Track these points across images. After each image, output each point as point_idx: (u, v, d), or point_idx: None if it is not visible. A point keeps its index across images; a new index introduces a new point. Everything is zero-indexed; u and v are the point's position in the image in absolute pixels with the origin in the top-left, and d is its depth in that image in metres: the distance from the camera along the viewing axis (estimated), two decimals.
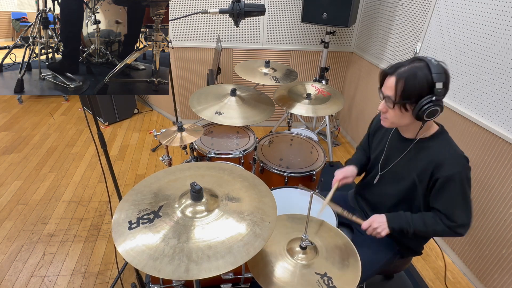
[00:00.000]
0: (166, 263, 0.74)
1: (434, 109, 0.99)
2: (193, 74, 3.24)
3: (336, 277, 0.94)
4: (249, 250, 0.78)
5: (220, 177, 1.05)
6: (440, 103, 0.99)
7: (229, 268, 0.74)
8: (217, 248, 0.78)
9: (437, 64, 0.99)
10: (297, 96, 1.91)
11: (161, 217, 0.86)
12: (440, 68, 0.98)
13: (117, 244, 0.78)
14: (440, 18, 1.96)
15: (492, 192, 1.71)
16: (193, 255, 0.76)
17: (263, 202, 0.94)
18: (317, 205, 1.48)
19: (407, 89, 1.01)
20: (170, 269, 0.73)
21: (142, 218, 0.85)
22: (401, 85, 1.02)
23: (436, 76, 0.97)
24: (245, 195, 0.96)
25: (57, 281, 1.78)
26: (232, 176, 1.06)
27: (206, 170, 1.09)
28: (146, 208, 0.89)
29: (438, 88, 0.97)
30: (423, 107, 1.00)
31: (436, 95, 0.98)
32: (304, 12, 2.51)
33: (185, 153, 2.06)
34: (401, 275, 1.88)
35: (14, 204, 2.31)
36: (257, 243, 0.80)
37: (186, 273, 0.72)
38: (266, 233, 0.83)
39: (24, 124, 3.41)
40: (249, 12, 1.34)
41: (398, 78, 1.03)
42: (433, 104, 0.99)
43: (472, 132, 1.79)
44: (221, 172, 1.08)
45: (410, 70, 1.01)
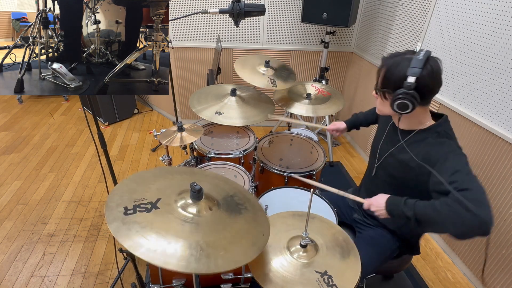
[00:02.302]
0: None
1: (402, 102, 0.99)
2: (193, 74, 3.24)
3: (336, 275, 0.94)
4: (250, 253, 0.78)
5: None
6: (410, 98, 0.98)
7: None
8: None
9: (421, 59, 0.96)
10: (297, 96, 1.92)
11: (159, 209, 0.86)
12: (420, 63, 0.96)
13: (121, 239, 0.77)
14: (440, 18, 1.96)
15: (492, 192, 1.71)
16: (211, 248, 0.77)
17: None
18: (317, 204, 1.48)
19: (386, 77, 1.04)
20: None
21: (139, 207, 0.85)
22: (383, 72, 1.05)
23: (410, 70, 0.97)
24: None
25: (57, 281, 1.78)
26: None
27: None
28: (143, 197, 0.88)
29: (408, 81, 0.97)
30: (394, 98, 1.01)
31: (404, 88, 0.98)
32: (304, 12, 2.51)
33: (185, 153, 2.06)
34: (401, 275, 1.88)
35: (14, 204, 2.31)
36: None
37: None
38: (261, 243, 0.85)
39: (24, 124, 3.41)
40: (249, 12, 1.34)
41: (382, 65, 1.06)
42: (403, 97, 0.98)
43: (472, 132, 1.79)
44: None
45: (395, 61, 1.02)
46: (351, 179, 2.76)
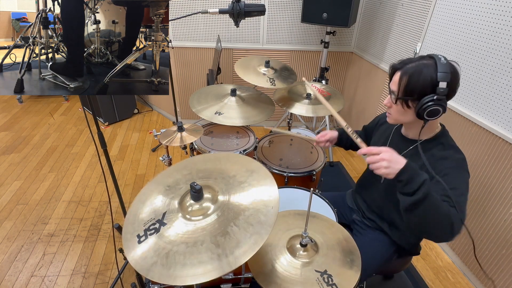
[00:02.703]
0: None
1: (435, 109, 0.98)
2: (193, 74, 3.24)
3: (336, 275, 0.94)
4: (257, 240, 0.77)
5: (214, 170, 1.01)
6: (442, 103, 0.97)
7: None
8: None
9: (446, 63, 0.96)
10: (297, 96, 1.92)
11: (166, 224, 0.84)
12: (448, 68, 0.96)
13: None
14: (440, 18, 1.96)
15: (492, 192, 1.71)
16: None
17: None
18: (317, 204, 1.48)
19: (410, 85, 1.01)
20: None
21: (149, 230, 0.83)
22: (405, 80, 1.02)
23: (440, 75, 0.95)
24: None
25: (57, 281, 1.78)
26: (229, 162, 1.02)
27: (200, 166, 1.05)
28: (151, 218, 0.87)
29: (441, 87, 0.95)
30: (424, 105, 0.98)
31: (438, 94, 0.96)
32: (304, 12, 2.52)
33: (185, 153, 2.06)
34: (401, 275, 1.88)
35: (14, 204, 2.31)
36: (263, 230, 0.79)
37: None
38: (271, 219, 0.82)
39: (24, 124, 3.41)
40: (249, 12, 1.34)
41: (403, 73, 1.02)
42: (434, 103, 0.97)
43: (472, 132, 1.79)
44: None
45: (416, 67, 1.00)
46: (351, 179, 2.76)
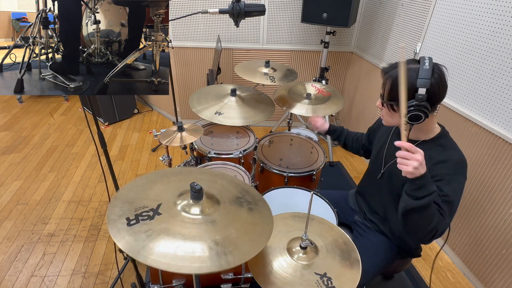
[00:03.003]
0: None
1: (415, 114, 0.97)
2: (193, 74, 3.24)
3: (336, 277, 0.94)
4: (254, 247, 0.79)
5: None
6: (422, 108, 0.96)
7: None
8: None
9: (428, 68, 0.94)
10: (297, 96, 1.91)
11: (161, 214, 0.85)
12: (428, 74, 0.94)
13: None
14: (440, 18, 1.96)
15: (492, 192, 1.71)
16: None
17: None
18: (317, 204, 1.48)
19: (393, 90, 1.01)
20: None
21: (141, 215, 0.84)
22: (388, 85, 1.03)
23: (419, 82, 0.94)
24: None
25: (57, 281, 1.78)
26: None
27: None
28: (144, 205, 0.88)
29: (419, 93, 0.95)
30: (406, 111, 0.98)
31: (416, 100, 0.95)
32: (304, 12, 2.51)
33: (185, 153, 2.06)
34: (401, 275, 1.88)
35: (14, 204, 2.31)
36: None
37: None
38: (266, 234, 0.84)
39: (24, 124, 3.41)
40: (249, 12, 1.34)
41: (387, 77, 1.04)
42: (414, 109, 0.96)
43: (472, 132, 1.79)
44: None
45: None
46: (351, 179, 2.76)
